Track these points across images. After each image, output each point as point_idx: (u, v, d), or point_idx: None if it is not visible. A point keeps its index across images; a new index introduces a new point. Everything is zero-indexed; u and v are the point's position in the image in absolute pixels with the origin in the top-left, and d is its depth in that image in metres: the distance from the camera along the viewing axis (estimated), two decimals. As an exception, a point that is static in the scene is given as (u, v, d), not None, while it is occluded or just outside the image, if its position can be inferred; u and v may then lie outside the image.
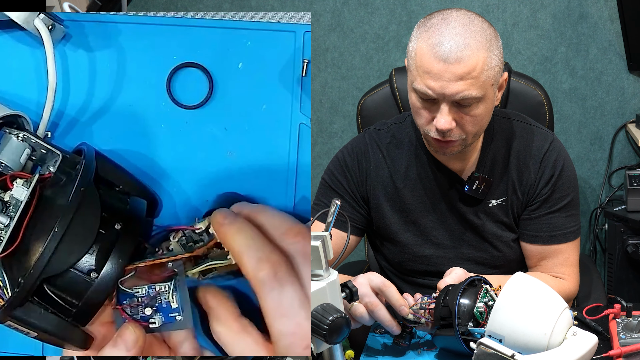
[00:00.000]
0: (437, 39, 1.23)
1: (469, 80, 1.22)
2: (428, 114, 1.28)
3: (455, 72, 1.21)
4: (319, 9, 2.53)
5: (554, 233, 1.39)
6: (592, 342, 1.05)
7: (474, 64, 1.22)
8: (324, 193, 1.45)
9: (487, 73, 1.24)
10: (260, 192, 1.07)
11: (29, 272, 0.87)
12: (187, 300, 0.95)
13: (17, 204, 0.92)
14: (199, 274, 0.97)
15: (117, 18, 1.08)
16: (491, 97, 1.28)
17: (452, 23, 1.24)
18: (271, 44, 1.08)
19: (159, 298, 0.95)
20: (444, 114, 1.25)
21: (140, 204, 0.98)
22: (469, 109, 1.25)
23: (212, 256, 0.97)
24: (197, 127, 1.08)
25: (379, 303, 1.16)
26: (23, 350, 1.05)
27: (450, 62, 1.21)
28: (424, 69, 1.24)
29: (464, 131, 1.28)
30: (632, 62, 2.41)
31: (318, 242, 0.95)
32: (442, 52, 1.22)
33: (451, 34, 1.22)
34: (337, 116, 2.62)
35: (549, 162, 1.38)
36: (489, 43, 1.24)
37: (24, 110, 1.02)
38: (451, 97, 1.23)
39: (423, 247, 1.44)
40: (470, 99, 1.23)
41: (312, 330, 0.92)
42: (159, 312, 0.95)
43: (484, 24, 1.26)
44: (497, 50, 1.27)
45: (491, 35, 1.26)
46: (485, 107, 1.27)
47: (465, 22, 1.24)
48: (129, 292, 0.94)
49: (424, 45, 1.24)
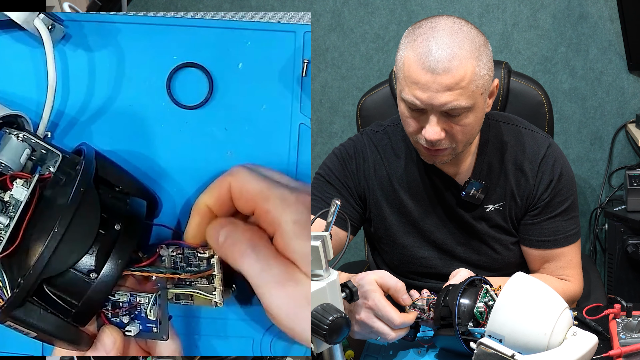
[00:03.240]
0: (425, 48, 1.21)
1: (457, 90, 1.20)
2: (417, 123, 1.27)
3: (443, 83, 1.20)
4: (319, 9, 2.53)
5: (556, 237, 1.39)
6: (592, 342, 1.05)
7: (462, 74, 1.20)
8: (320, 189, 1.44)
9: (476, 82, 1.22)
10: (260, 192, 1.07)
11: (28, 272, 0.87)
12: (166, 314, 0.96)
13: (16, 204, 0.91)
14: (173, 295, 0.98)
15: (117, 18, 1.08)
16: (481, 105, 1.26)
17: (440, 32, 1.21)
18: (271, 44, 1.08)
19: (138, 307, 0.95)
20: (432, 124, 1.24)
21: (140, 204, 0.98)
22: (458, 119, 1.24)
23: (196, 285, 0.97)
24: (197, 127, 1.08)
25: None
26: (23, 350, 1.05)
27: (437, 72, 1.19)
28: (411, 80, 1.22)
29: (453, 140, 1.27)
30: (632, 62, 2.41)
31: (318, 242, 0.95)
32: (430, 63, 1.20)
33: (439, 43, 1.20)
34: (337, 116, 2.62)
35: (547, 167, 1.38)
36: (478, 52, 1.22)
37: (23, 110, 1.02)
38: (439, 107, 1.22)
39: (422, 249, 1.44)
40: (459, 109, 1.22)
41: (312, 330, 0.92)
42: (137, 320, 0.95)
43: (472, 32, 1.24)
44: (487, 58, 1.24)
45: (480, 43, 1.23)
46: (474, 116, 1.26)
47: (454, 31, 1.22)
48: (110, 298, 0.94)
49: (411, 55, 1.23)
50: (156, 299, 0.94)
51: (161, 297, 0.95)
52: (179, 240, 0.98)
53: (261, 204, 0.94)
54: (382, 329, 1.14)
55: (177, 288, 0.97)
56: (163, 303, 0.96)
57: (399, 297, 1.16)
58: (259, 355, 1.06)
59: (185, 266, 0.98)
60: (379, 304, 1.14)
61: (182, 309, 1.00)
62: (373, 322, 1.14)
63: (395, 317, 1.13)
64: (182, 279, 0.97)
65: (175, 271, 0.96)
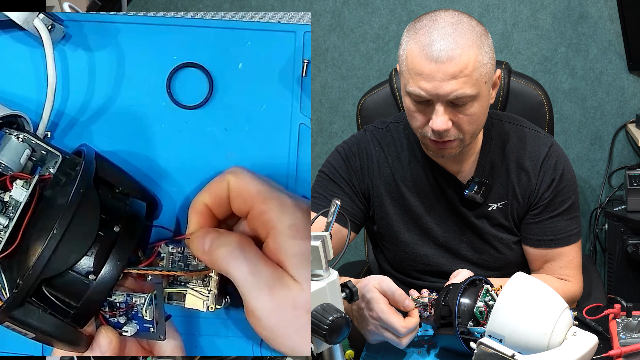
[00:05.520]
0: (427, 39, 1.22)
1: (462, 78, 1.21)
2: (423, 116, 1.28)
3: (447, 72, 1.21)
4: (319, 9, 2.53)
5: (558, 236, 1.39)
6: (592, 342, 1.05)
7: (465, 61, 1.21)
8: (323, 186, 1.43)
9: (480, 70, 1.23)
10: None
11: (27, 273, 0.87)
12: (162, 315, 0.96)
13: (16, 205, 0.91)
14: (166, 294, 0.97)
15: (117, 18, 1.08)
16: (485, 94, 1.27)
17: (441, 23, 1.23)
18: (271, 44, 1.08)
19: (135, 308, 0.95)
20: (439, 114, 1.24)
21: (140, 206, 0.97)
22: (464, 108, 1.25)
23: (191, 285, 0.97)
24: (197, 127, 1.08)
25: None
26: (23, 350, 1.05)
27: (441, 61, 1.21)
28: (415, 71, 1.23)
29: (460, 131, 1.27)
30: (632, 62, 2.41)
31: (318, 242, 0.95)
32: (433, 53, 1.21)
33: (440, 33, 1.22)
34: (337, 116, 2.62)
35: (549, 167, 1.38)
36: (479, 40, 1.24)
37: (23, 110, 1.01)
38: (445, 97, 1.22)
39: (424, 247, 1.44)
40: (464, 98, 1.23)
41: (312, 330, 0.92)
42: (134, 320, 0.95)
43: (472, 22, 1.26)
44: (488, 47, 1.26)
45: (481, 32, 1.25)
46: (480, 106, 1.26)
47: (454, 22, 1.24)
48: (107, 299, 0.94)
49: (414, 48, 1.24)
50: (152, 299, 0.94)
51: (157, 297, 0.95)
52: (179, 240, 0.98)
53: (259, 204, 0.94)
54: (391, 338, 1.15)
55: (172, 287, 0.97)
56: (159, 303, 0.95)
57: (400, 305, 1.16)
58: (259, 355, 1.06)
59: (182, 265, 0.98)
60: (383, 315, 1.14)
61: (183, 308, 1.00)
62: (382, 332, 1.15)
63: (399, 328, 1.14)
64: (177, 278, 0.97)
65: (172, 268, 0.96)
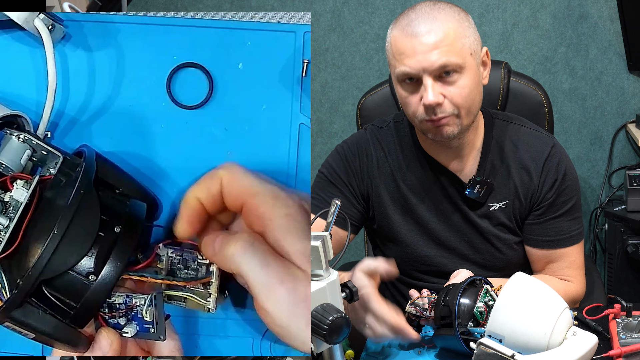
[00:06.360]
0: (406, 20, 1.28)
1: (444, 48, 1.25)
2: (416, 98, 1.29)
3: (428, 43, 1.25)
4: (319, 9, 2.53)
5: (560, 237, 1.39)
6: (592, 342, 1.05)
7: (445, 30, 1.25)
8: (322, 187, 1.43)
9: (462, 41, 1.27)
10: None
11: (27, 273, 0.87)
12: (162, 315, 0.96)
13: (16, 206, 0.91)
14: (166, 295, 0.98)
15: (117, 18, 1.08)
16: (474, 67, 1.29)
17: (419, 6, 1.30)
18: (271, 44, 1.08)
19: (134, 309, 0.95)
20: (428, 88, 1.26)
21: (140, 207, 0.97)
22: (453, 80, 1.27)
23: (191, 289, 0.97)
24: (197, 127, 1.08)
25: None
26: (23, 350, 1.05)
27: (421, 35, 1.25)
28: (400, 52, 1.27)
29: (454, 105, 1.28)
30: (632, 62, 2.41)
31: (318, 242, 0.95)
32: (412, 29, 1.26)
33: (418, 13, 1.28)
34: (337, 116, 2.62)
35: (551, 167, 1.38)
36: (458, 16, 1.29)
37: (24, 110, 1.01)
38: (430, 68, 1.25)
39: (425, 247, 1.44)
40: (450, 66, 1.25)
41: (312, 330, 0.92)
42: (133, 321, 0.95)
43: (451, 5, 1.31)
44: (469, 23, 1.31)
45: (459, 12, 1.31)
46: (469, 78, 1.28)
47: (432, 4, 1.30)
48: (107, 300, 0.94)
49: (395, 32, 1.29)
50: (152, 300, 0.94)
51: (157, 298, 0.95)
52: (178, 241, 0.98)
53: (251, 198, 0.93)
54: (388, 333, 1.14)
55: (172, 290, 0.97)
56: (159, 304, 0.95)
57: (388, 276, 1.15)
58: (259, 355, 1.06)
59: (182, 268, 0.98)
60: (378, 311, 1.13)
61: (182, 309, 1.00)
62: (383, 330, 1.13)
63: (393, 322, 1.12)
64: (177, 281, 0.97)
65: (173, 278, 0.96)
